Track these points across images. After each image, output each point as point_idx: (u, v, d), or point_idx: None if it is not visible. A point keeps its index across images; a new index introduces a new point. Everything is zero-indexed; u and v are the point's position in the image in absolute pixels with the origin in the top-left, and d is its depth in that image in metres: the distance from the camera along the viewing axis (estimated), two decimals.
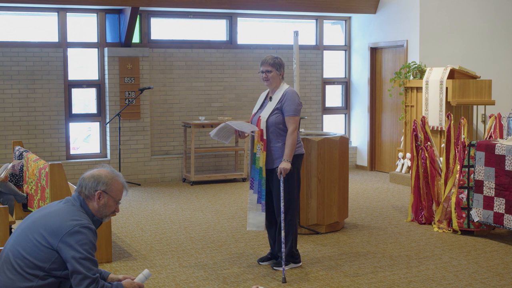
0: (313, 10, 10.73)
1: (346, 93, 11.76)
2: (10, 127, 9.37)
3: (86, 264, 3.21)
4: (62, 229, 3.25)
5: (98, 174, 3.48)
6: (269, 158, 5.46)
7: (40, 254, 3.23)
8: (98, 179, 3.46)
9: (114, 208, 3.53)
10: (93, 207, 3.46)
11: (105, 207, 3.48)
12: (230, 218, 7.59)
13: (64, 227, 3.25)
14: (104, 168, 3.54)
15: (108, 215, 3.52)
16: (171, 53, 10.28)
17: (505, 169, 6.19)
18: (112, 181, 3.49)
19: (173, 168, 10.27)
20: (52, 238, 3.24)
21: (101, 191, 3.44)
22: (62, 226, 3.26)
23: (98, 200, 3.44)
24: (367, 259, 5.88)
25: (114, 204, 3.51)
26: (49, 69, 9.54)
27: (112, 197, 3.48)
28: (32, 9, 9.56)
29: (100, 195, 3.44)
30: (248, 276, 5.39)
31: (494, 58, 10.47)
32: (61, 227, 3.26)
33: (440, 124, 9.05)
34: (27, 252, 3.24)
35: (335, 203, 6.83)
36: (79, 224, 3.28)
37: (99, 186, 3.44)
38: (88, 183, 3.45)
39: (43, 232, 3.26)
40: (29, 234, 3.30)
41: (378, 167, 11.22)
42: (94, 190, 3.44)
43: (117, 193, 3.51)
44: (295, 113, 5.42)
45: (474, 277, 5.37)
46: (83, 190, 3.45)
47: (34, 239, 3.26)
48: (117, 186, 3.51)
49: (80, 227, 3.27)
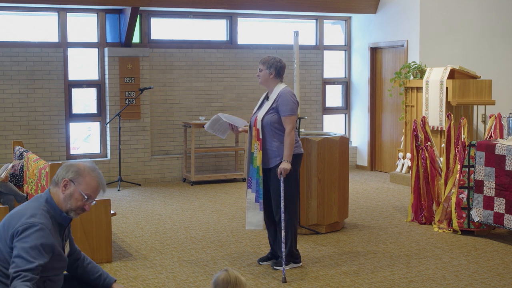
0: (313, 10, 10.73)
1: (346, 93, 11.76)
2: (10, 127, 9.37)
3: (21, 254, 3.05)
4: (14, 226, 3.14)
5: (72, 164, 3.33)
6: (265, 158, 5.47)
7: (7, 258, 3.14)
8: (69, 168, 3.30)
9: (82, 203, 3.30)
10: (58, 198, 3.27)
11: (70, 198, 3.26)
12: (230, 218, 7.59)
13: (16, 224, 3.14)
14: (85, 162, 3.37)
15: (74, 209, 3.29)
16: (171, 53, 10.28)
17: (505, 169, 6.19)
18: (84, 173, 3.29)
19: (173, 168, 10.27)
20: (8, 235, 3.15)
21: (68, 180, 3.26)
22: (15, 223, 3.15)
23: (63, 188, 3.26)
24: (367, 259, 5.88)
25: (80, 198, 3.28)
26: (49, 69, 9.54)
27: (79, 190, 3.26)
28: (32, 9, 9.56)
29: (66, 184, 3.26)
30: (248, 276, 5.39)
31: (494, 58, 10.47)
32: (15, 224, 3.15)
33: (440, 124, 9.05)
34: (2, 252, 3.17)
35: (335, 203, 6.83)
36: (27, 222, 3.13)
37: (67, 174, 3.27)
38: (60, 171, 3.31)
39: (5, 236, 3.17)
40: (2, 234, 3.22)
41: (378, 167, 11.22)
42: (62, 177, 3.27)
43: (87, 187, 3.28)
44: (291, 113, 5.42)
45: (474, 277, 5.37)
46: (54, 178, 3.31)
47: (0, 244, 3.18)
48: (89, 180, 3.29)
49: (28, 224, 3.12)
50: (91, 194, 3.31)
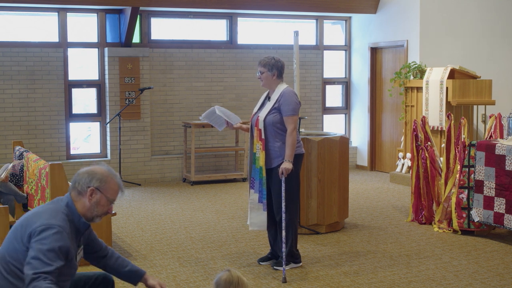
0: (313, 10, 10.73)
1: (346, 93, 11.76)
2: (10, 127, 9.37)
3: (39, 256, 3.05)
4: (31, 227, 3.15)
5: (93, 170, 3.34)
6: (267, 158, 5.47)
7: (20, 258, 3.14)
8: (92, 175, 3.32)
9: (107, 208, 3.36)
10: (84, 205, 3.30)
11: (97, 205, 3.31)
12: (230, 218, 7.59)
13: (33, 226, 3.14)
14: (101, 166, 3.41)
15: (99, 215, 3.35)
16: (171, 53, 10.28)
17: (505, 169, 6.19)
18: (107, 179, 3.34)
19: (173, 168, 10.27)
20: (25, 236, 3.14)
21: (94, 188, 3.29)
22: (32, 224, 3.15)
23: (90, 197, 3.29)
24: (367, 259, 5.88)
25: (107, 203, 3.34)
26: (49, 69, 9.54)
27: (105, 196, 3.32)
28: (32, 9, 9.56)
29: (92, 192, 3.29)
30: (248, 276, 5.39)
31: (494, 58, 10.47)
32: (31, 225, 3.15)
33: (440, 124, 9.06)
34: (10, 256, 3.17)
35: (335, 203, 6.83)
36: (46, 224, 3.14)
37: (92, 182, 3.30)
38: (82, 178, 3.31)
39: (22, 235, 3.17)
40: (12, 238, 3.22)
41: (378, 167, 11.22)
42: (87, 186, 3.29)
43: (111, 192, 3.35)
44: (293, 113, 5.43)
45: (475, 277, 5.37)
46: (76, 186, 3.31)
47: (16, 243, 3.18)
48: (112, 185, 3.36)
49: (47, 226, 3.12)
50: (114, 198, 3.39)
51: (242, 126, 5.71)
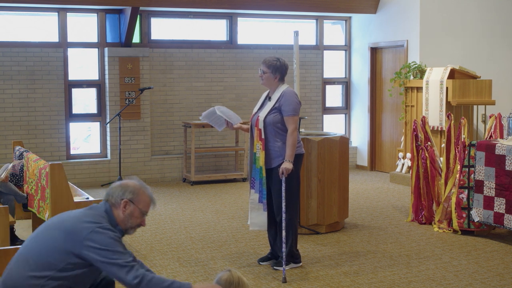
0: (313, 10, 10.73)
1: (346, 93, 11.76)
2: (10, 127, 9.38)
3: (117, 261, 3.24)
4: (80, 233, 3.26)
5: (126, 184, 3.50)
6: (268, 158, 5.47)
7: (55, 254, 3.26)
8: (125, 188, 3.47)
9: (140, 220, 3.51)
10: (119, 216, 3.45)
11: (131, 217, 3.46)
12: (230, 218, 7.59)
13: (82, 230, 3.27)
14: (133, 180, 3.56)
15: (133, 227, 3.50)
16: (171, 53, 10.28)
17: (505, 169, 6.19)
18: (140, 191, 3.49)
19: (173, 168, 10.27)
20: (70, 241, 3.26)
21: (127, 200, 3.44)
22: (79, 228, 3.28)
23: (123, 209, 3.44)
24: (367, 259, 5.89)
25: (140, 215, 3.49)
26: (49, 69, 9.54)
27: (138, 208, 3.47)
28: (32, 9, 9.56)
29: (126, 204, 3.44)
30: (248, 276, 5.39)
31: (494, 58, 10.47)
32: (79, 230, 3.27)
33: (441, 124, 9.06)
34: (44, 251, 3.29)
35: (335, 203, 6.83)
36: (96, 226, 3.29)
37: (125, 194, 3.45)
38: (115, 191, 3.46)
39: (60, 234, 3.29)
40: (47, 234, 3.35)
41: (378, 167, 11.22)
42: (120, 198, 3.44)
43: (144, 204, 3.49)
44: (294, 113, 5.43)
45: (475, 277, 5.37)
46: (110, 198, 3.47)
47: (51, 240, 3.30)
48: (144, 198, 3.49)
49: (98, 227, 3.28)
50: (147, 210, 3.53)
51: (242, 126, 5.71)
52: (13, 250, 4.14)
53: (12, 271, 3.31)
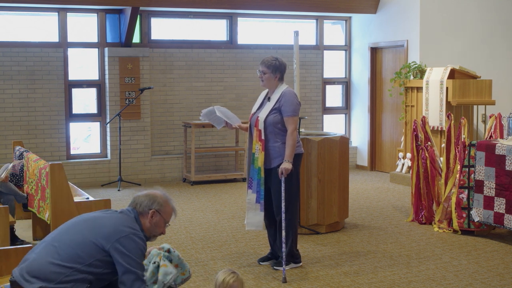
0: (313, 10, 10.73)
1: (346, 93, 11.76)
2: (10, 127, 9.38)
3: (137, 270, 3.44)
4: (115, 233, 3.47)
5: (153, 194, 3.72)
6: (267, 158, 5.47)
7: (86, 249, 3.43)
8: (153, 199, 3.69)
9: (163, 229, 3.74)
10: (145, 224, 3.66)
11: (156, 226, 3.68)
12: (230, 218, 7.59)
13: (118, 232, 3.48)
14: (159, 191, 3.77)
15: (156, 235, 3.73)
16: (171, 53, 10.28)
17: (506, 169, 6.19)
18: (166, 203, 3.72)
19: (173, 168, 10.27)
20: (104, 239, 3.45)
21: (155, 210, 3.67)
22: (116, 230, 3.48)
23: (150, 219, 3.66)
24: (367, 259, 5.89)
25: (163, 225, 3.72)
26: (49, 69, 9.54)
27: (163, 218, 3.70)
28: (32, 9, 9.57)
29: (153, 214, 3.66)
30: (248, 276, 5.39)
31: (494, 58, 10.47)
32: (115, 230, 3.48)
33: (441, 124, 9.06)
34: (75, 244, 3.45)
35: (335, 203, 6.83)
36: (132, 232, 3.51)
37: (154, 205, 3.67)
38: (144, 201, 3.68)
39: (95, 230, 3.48)
40: (81, 229, 3.52)
41: (379, 167, 11.22)
42: (149, 208, 3.66)
43: (168, 215, 3.74)
44: (294, 114, 5.43)
45: (475, 277, 5.37)
46: (137, 207, 3.66)
47: (84, 235, 3.48)
48: (169, 209, 3.74)
49: (133, 235, 3.49)
50: (169, 220, 3.79)
51: (242, 126, 5.71)
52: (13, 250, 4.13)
53: (38, 258, 3.46)
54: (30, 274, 3.40)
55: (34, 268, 3.43)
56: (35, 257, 3.50)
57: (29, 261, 3.50)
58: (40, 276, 3.39)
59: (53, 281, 3.37)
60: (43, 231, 6.61)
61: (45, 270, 3.39)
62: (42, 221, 6.49)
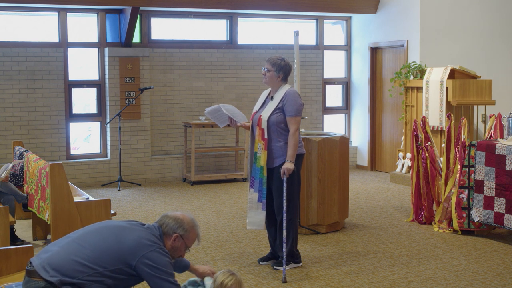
0: (314, 10, 10.73)
1: (346, 93, 11.76)
2: (10, 127, 9.38)
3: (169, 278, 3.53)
4: (140, 247, 3.51)
5: (181, 218, 3.74)
6: (270, 157, 5.47)
7: (109, 256, 3.48)
8: (180, 223, 3.71)
9: (182, 253, 3.78)
10: (167, 245, 3.69)
11: (176, 250, 3.72)
12: (230, 218, 7.60)
13: (143, 246, 3.52)
14: (187, 214, 3.80)
15: (174, 257, 3.76)
16: (172, 53, 10.28)
17: (506, 169, 6.19)
18: (191, 229, 3.74)
19: (173, 168, 10.27)
20: (129, 253, 3.49)
21: (179, 235, 3.70)
22: (140, 243, 3.52)
23: (173, 242, 3.69)
24: (367, 259, 5.89)
25: (184, 249, 3.76)
26: (49, 69, 9.54)
27: (185, 243, 3.74)
28: (32, 9, 9.57)
29: (176, 238, 3.69)
30: (248, 276, 5.39)
31: (494, 58, 10.47)
32: (139, 244, 3.52)
33: (441, 124, 9.06)
34: (99, 249, 3.50)
35: (335, 203, 6.83)
36: (158, 246, 3.55)
37: (179, 229, 3.70)
38: (170, 223, 3.70)
39: (119, 239, 3.53)
40: (107, 236, 3.56)
41: (379, 167, 11.22)
42: (173, 231, 3.69)
43: (191, 241, 3.76)
44: (297, 114, 5.43)
45: (475, 277, 5.38)
46: (164, 227, 3.69)
47: (109, 244, 3.52)
48: (193, 235, 3.76)
49: (159, 248, 3.55)
50: (191, 246, 3.81)
51: (245, 124, 5.70)
52: (13, 250, 4.13)
53: (62, 252, 3.51)
54: (51, 266, 3.46)
55: (55, 261, 3.48)
56: (58, 250, 3.54)
57: (51, 253, 3.54)
58: (61, 270, 3.44)
59: (73, 278, 3.43)
60: (43, 231, 6.62)
61: (67, 266, 3.45)
62: (42, 221, 6.49)
